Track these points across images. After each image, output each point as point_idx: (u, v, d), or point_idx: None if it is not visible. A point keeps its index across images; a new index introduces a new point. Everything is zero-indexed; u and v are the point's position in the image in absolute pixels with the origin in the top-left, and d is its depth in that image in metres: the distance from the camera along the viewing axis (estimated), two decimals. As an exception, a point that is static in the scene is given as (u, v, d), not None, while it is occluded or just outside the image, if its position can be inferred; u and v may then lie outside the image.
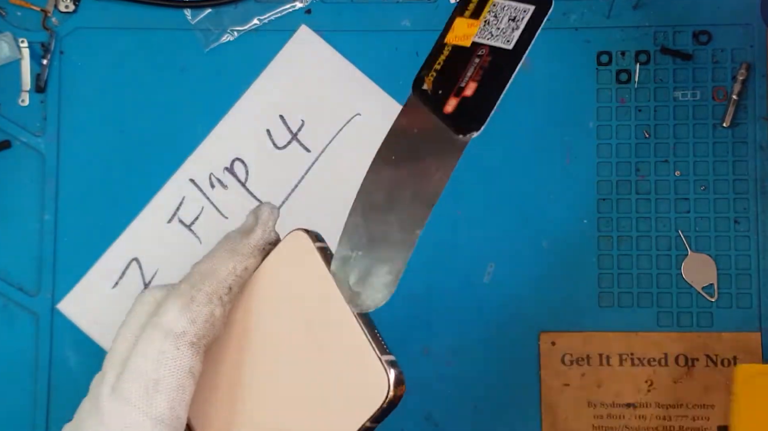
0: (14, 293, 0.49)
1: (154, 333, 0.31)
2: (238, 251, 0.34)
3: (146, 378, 0.31)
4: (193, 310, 0.32)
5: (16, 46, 0.49)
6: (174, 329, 0.31)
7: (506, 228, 0.49)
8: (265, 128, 0.50)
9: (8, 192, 0.49)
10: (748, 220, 0.49)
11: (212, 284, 0.33)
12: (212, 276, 0.33)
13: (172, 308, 0.32)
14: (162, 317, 0.32)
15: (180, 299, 0.32)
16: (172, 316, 0.32)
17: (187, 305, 0.32)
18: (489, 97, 0.32)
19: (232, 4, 0.50)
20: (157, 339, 0.31)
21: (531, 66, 0.50)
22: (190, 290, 0.32)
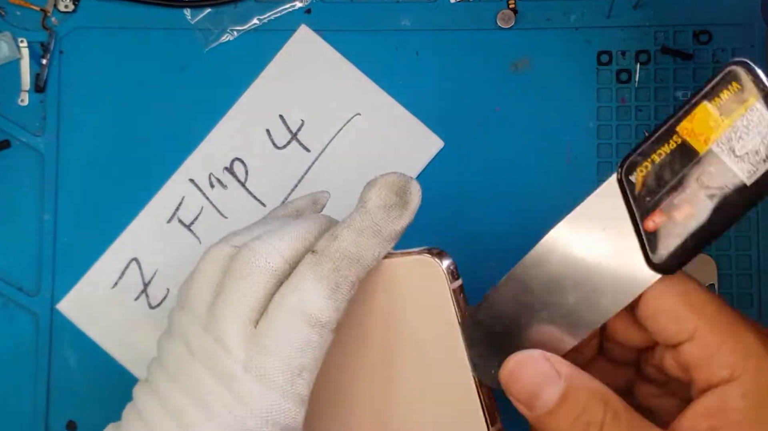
0: (13, 293, 0.49)
1: (297, 319, 0.30)
2: (384, 234, 0.32)
3: (291, 364, 0.29)
4: (338, 299, 0.30)
5: (15, 45, 0.49)
6: (321, 318, 0.30)
7: (506, 228, 0.49)
8: (264, 128, 0.50)
9: (7, 192, 0.49)
10: (749, 220, 0.49)
11: (358, 271, 0.31)
12: (358, 263, 0.31)
13: (317, 295, 0.30)
14: (306, 302, 0.30)
15: (325, 284, 0.30)
16: (318, 304, 0.30)
17: (333, 293, 0.30)
18: (700, 235, 0.25)
19: (232, 4, 0.50)
20: (304, 327, 0.30)
21: (531, 66, 0.50)
22: (335, 276, 0.30)
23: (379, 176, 0.33)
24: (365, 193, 0.32)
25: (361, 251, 0.31)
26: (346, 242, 0.31)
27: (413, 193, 0.32)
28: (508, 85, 0.50)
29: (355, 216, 0.32)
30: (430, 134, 0.49)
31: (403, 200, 0.32)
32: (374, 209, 0.32)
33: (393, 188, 0.32)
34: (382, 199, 0.32)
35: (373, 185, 0.32)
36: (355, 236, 0.31)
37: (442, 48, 0.50)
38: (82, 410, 0.49)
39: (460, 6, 0.50)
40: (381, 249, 0.31)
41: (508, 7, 0.50)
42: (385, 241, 0.32)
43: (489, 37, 0.50)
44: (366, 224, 0.31)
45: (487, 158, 0.49)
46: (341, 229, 0.31)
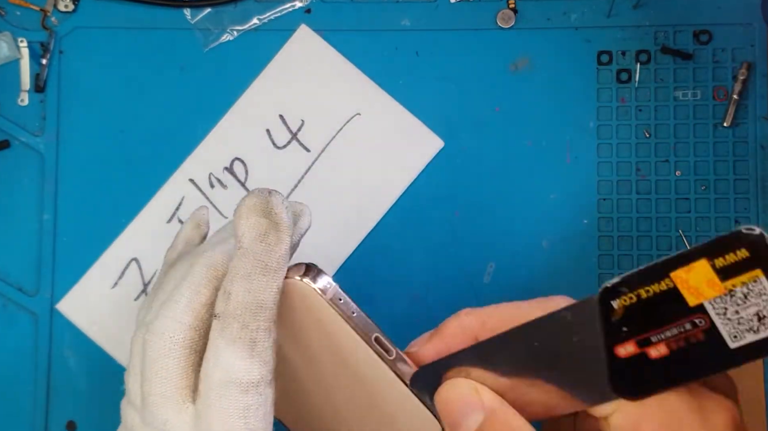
0: (13, 293, 0.49)
1: (229, 391, 0.28)
2: (272, 266, 0.29)
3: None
4: (260, 352, 0.29)
5: (15, 45, 0.49)
6: (251, 379, 0.29)
7: (506, 228, 0.49)
8: (264, 128, 0.50)
9: (7, 192, 0.49)
10: (749, 220, 0.49)
11: (266, 315, 0.29)
12: (262, 308, 0.29)
13: (237, 359, 0.28)
14: (230, 371, 0.28)
15: (240, 346, 0.29)
16: (242, 367, 0.29)
17: (252, 350, 0.29)
18: (669, 376, 0.24)
19: (232, 4, 0.50)
20: (238, 396, 0.28)
21: (531, 66, 0.50)
22: (246, 333, 0.29)
23: (241, 201, 0.30)
24: (236, 228, 0.30)
25: (258, 295, 0.29)
26: (241, 295, 0.29)
27: (278, 207, 0.29)
28: (508, 85, 0.50)
29: (238, 263, 0.29)
30: (430, 133, 0.49)
31: (272, 220, 0.29)
32: (250, 245, 0.29)
33: (258, 211, 0.29)
34: (253, 229, 0.29)
35: (239, 216, 0.30)
36: (245, 283, 0.29)
37: (442, 48, 0.50)
38: (82, 410, 0.49)
39: (460, 6, 0.50)
40: (276, 282, 0.29)
41: (508, 7, 0.50)
42: (276, 271, 0.29)
43: (489, 37, 0.50)
44: (249, 265, 0.29)
45: (487, 158, 0.49)
46: (230, 284, 0.29)
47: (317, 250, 0.49)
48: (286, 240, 0.30)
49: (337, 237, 0.49)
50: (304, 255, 0.48)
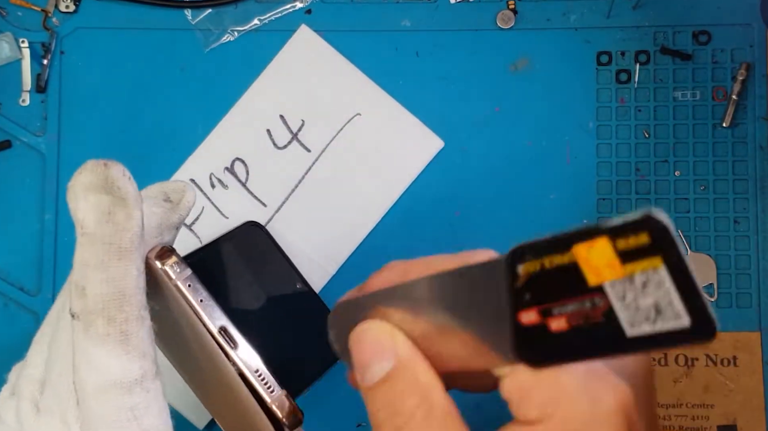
0: (15, 292, 0.49)
1: (109, 395, 0.25)
2: (126, 247, 0.26)
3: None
4: (137, 344, 0.26)
5: (16, 46, 0.49)
6: (132, 377, 0.25)
7: (506, 228, 0.49)
8: (265, 128, 0.50)
9: (9, 192, 0.50)
10: (748, 220, 0.49)
11: (133, 303, 0.26)
12: (125, 296, 0.26)
13: (111, 358, 0.25)
14: (106, 373, 0.25)
15: (111, 343, 0.25)
16: (119, 366, 0.25)
17: (126, 344, 0.25)
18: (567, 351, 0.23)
19: (233, 5, 0.50)
20: (121, 397, 0.25)
21: (531, 66, 0.50)
22: (114, 327, 0.25)
23: (72, 179, 0.26)
24: (74, 212, 0.26)
25: (119, 283, 0.25)
26: (98, 287, 0.25)
27: (120, 179, 0.26)
28: (508, 85, 0.50)
29: (85, 251, 0.25)
30: (430, 133, 0.49)
31: (115, 195, 0.26)
32: (95, 227, 0.25)
33: (94, 187, 0.26)
34: (95, 209, 0.25)
35: (74, 197, 0.26)
36: (100, 273, 0.25)
37: (442, 48, 0.50)
38: (83, 409, 0.49)
39: (460, 6, 0.50)
40: (136, 262, 0.26)
41: (508, 8, 0.50)
42: (131, 251, 0.26)
43: (489, 37, 0.50)
44: (100, 252, 0.25)
45: (487, 158, 0.49)
46: (82, 277, 0.25)
47: (318, 250, 0.49)
48: (137, 215, 0.26)
49: (338, 237, 0.49)
50: (304, 254, 0.48)
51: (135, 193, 0.26)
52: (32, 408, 0.27)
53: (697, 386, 0.48)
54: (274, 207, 0.49)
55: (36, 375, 0.28)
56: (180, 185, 0.30)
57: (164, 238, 0.29)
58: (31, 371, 0.28)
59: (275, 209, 0.49)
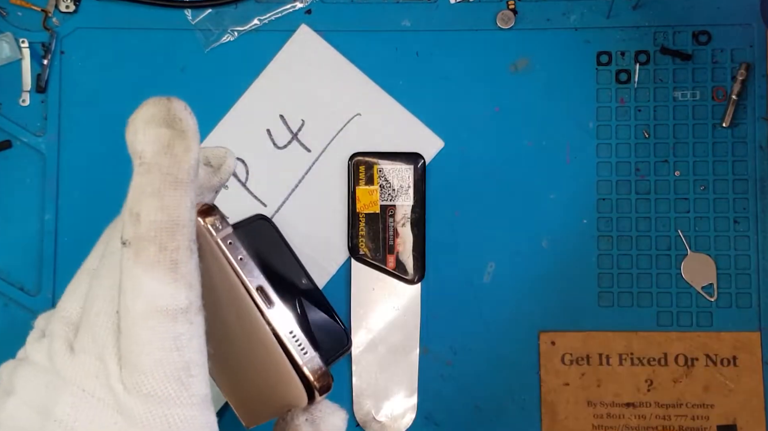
0: (15, 292, 0.49)
1: (155, 321, 0.25)
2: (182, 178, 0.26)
3: (175, 369, 0.25)
4: (185, 273, 0.26)
5: (16, 46, 0.50)
6: (179, 305, 0.26)
7: (506, 228, 0.49)
8: (265, 128, 0.50)
9: (9, 192, 0.50)
10: (748, 220, 0.49)
11: (184, 233, 0.26)
12: (179, 225, 0.26)
13: (160, 284, 0.25)
14: (154, 299, 0.25)
15: (161, 269, 0.25)
16: (167, 292, 0.25)
17: (175, 272, 0.26)
18: None
19: (233, 5, 0.50)
20: (166, 325, 0.25)
21: (531, 66, 0.50)
22: (165, 255, 0.25)
23: (133, 114, 0.27)
24: (133, 144, 0.26)
25: (173, 212, 0.26)
26: (153, 214, 0.26)
27: (181, 112, 0.26)
28: (508, 85, 0.50)
29: (142, 179, 0.26)
30: (430, 134, 0.49)
31: (178, 128, 0.26)
32: (154, 158, 0.26)
33: (155, 120, 0.26)
34: (156, 141, 0.26)
35: (134, 129, 0.26)
36: (155, 201, 0.26)
37: (442, 48, 0.50)
38: (83, 409, 0.49)
39: (460, 6, 0.50)
40: (190, 195, 0.26)
41: (508, 8, 0.50)
42: (187, 183, 0.26)
43: (489, 37, 0.50)
44: (157, 181, 0.26)
45: (487, 158, 0.49)
46: (137, 204, 0.26)
47: (318, 249, 0.49)
48: (195, 148, 0.26)
49: (338, 237, 0.49)
50: (304, 253, 0.48)
51: (195, 127, 0.27)
52: (66, 347, 0.27)
53: (697, 386, 0.48)
54: (274, 207, 0.49)
55: (70, 317, 0.28)
56: (221, 150, 0.31)
57: (205, 199, 0.30)
58: (64, 314, 0.28)
59: (275, 209, 0.49)
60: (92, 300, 0.27)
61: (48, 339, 0.28)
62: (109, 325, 0.27)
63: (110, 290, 0.27)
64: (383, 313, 0.48)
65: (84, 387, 0.26)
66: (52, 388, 0.27)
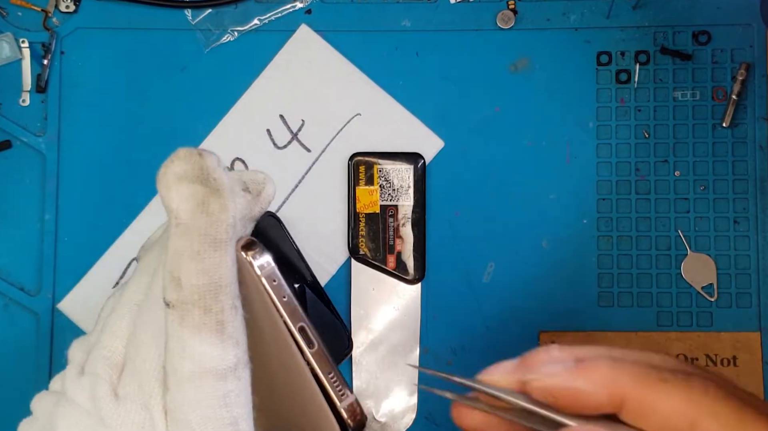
0: (15, 292, 0.49)
1: (203, 381, 0.25)
2: (221, 238, 0.26)
3: (222, 424, 0.25)
4: (230, 333, 0.26)
5: (16, 46, 0.50)
6: (226, 364, 0.26)
7: (506, 228, 0.49)
8: (265, 128, 0.50)
9: (9, 192, 0.50)
10: (748, 220, 0.49)
11: (228, 293, 0.26)
12: (221, 287, 0.26)
13: (207, 346, 0.25)
14: (201, 361, 0.25)
15: (207, 332, 0.25)
16: (214, 353, 0.25)
17: (221, 333, 0.25)
18: None
19: (233, 5, 0.50)
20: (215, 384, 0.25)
21: (531, 66, 0.50)
22: (210, 317, 0.25)
23: (164, 167, 0.25)
24: (167, 201, 0.25)
25: (214, 274, 0.25)
26: (194, 278, 0.25)
27: (215, 171, 0.25)
28: (508, 86, 0.50)
29: (180, 241, 0.25)
30: (430, 133, 0.49)
31: (212, 187, 0.25)
32: (190, 218, 0.25)
33: (188, 177, 0.25)
34: (190, 199, 0.25)
35: (166, 186, 0.25)
36: (195, 264, 0.25)
37: (442, 48, 0.50)
38: (83, 409, 0.49)
39: (460, 6, 0.50)
40: (230, 255, 0.26)
41: (508, 8, 0.50)
42: (227, 243, 0.26)
43: (489, 37, 0.50)
44: (196, 243, 0.25)
45: (487, 158, 0.49)
46: (177, 268, 0.25)
47: (318, 249, 0.49)
48: (231, 206, 0.26)
49: (338, 237, 0.49)
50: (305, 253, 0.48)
51: (229, 184, 0.26)
52: (111, 392, 0.27)
53: (697, 386, 0.48)
54: (274, 207, 0.49)
55: (113, 358, 0.28)
56: (260, 176, 0.30)
57: (246, 230, 0.29)
58: (106, 353, 0.28)
59: (275, 209, 0.49)
60: (138, 346, 0.27)
61: (90, 378, 0.27)
62: (155, 373, 0.26)
63: (156, 338, 0.27)
64: (383, 313, 0.48)
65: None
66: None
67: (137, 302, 0.28)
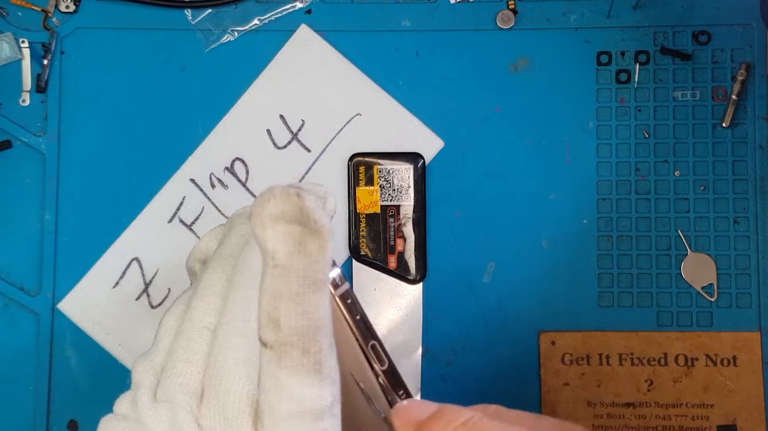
0: (15, 292, 0.49)
1: (301, 422, 0.25)
2: (318, 278, 0.25)
3: None
4: (327, 373, 0.25)
5: (16, 46, 0.50)
6: (323, 404, 0.25)
7: (506, 228, 0.49)
8: (265, 128, 0.50)
9: (9, 192, 0.50)
10: (748, 220, 0.49)
11: (324, 334, 0.25)
12: (319, 328, 0.25)
13: (305, 387, 0.25)
14: (300, 401, 0.25)
15: (305, 373, 0.25)
16: (312, 394, 0.25)
17: (319, 373, 0.25)
18: None
19: (233, 5, 0.50)
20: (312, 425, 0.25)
21: (531, 66, 0.50)
22: (308, 358, 0.25)
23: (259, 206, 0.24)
24: (262, 241, 0.25)
25: (313, 315, 0.25)
26: (293, 320, 0.25)
27: (315, 212, 0.24)
28: (508, 86, 0.50)
29: (278, 283, 0.25)
30: (430, 134, 0.49)
31: (310, 227, 0.24)
32: (288, 260, 0.24)
33: (287, 218, 0.24)
34: (287, 240, 0.24)
35: (263, 225, 0.24)
36: (294, 306, 0.25)
37: (442, 48, 0.50)
38: (83, 409, 0.49)
39: (460, 6, 0.50)
40: (326, 295, 0.25)
41: (508, 8, 0.50)
42: (325, 283, 0.25)
43: (489, 37, 0.50)
44: (295, 285, 0.24)
45: (487, 158, 0.49)
46: (274, 309, 0.25)
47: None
48: (329, 247, 0.25)
49: (339, 237, 0.49)
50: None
51: (329, 224, 0.25)
52: (193, 423, 0.27)
53: (697, 386, 0.48)
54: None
55: (190, 386, 0.27)
56: (321, 190, 0.28)
57: None
58: (182, 380, 0.27)
59: (275, 209, 0.49)
60: (220, 376, 0.27)
61: (168, 406, 0.27)
62: (241, 406, 0.26)
63: (239, 366, 0.27)
64: (385, 313, 0.48)
65: None
66: None
67: (207, 326, 0.28)
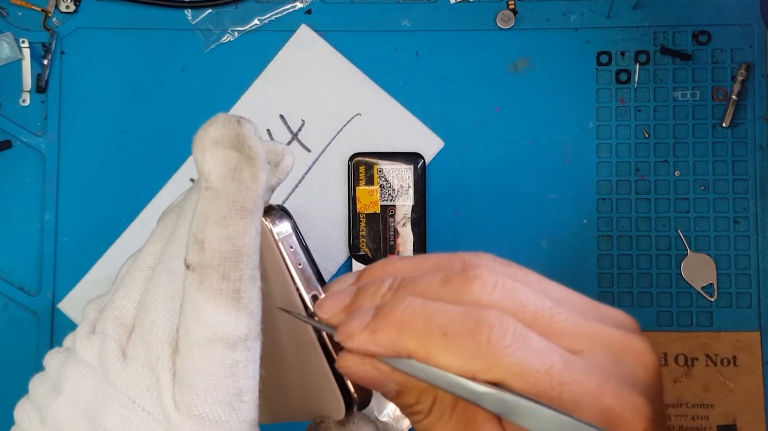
0: (15, 292, 0.49)
1: (214, 348, 0.25)
2: (248, 207, 0.26)
3: (227, 394, 0.25)
4: (246, 303, 0.26)
5: (17, 46, 0.50)
6: (238, 334, 0.26)
7: (506, 228, 0.49)
8: (265, 128, 0.50)
9: (9, 192, 0.50)
10: (748, 220, 0.49)
11: (247, 263, 0.26)
12: (242, 255, 0.26)
13: (221, 313, 0.25)
14: (214, 326, 0.25)
15: (223, 298, 0.25)
16: (227, 322, 0.25)
17: (237, 302, 0.25)
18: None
19: (233, 5, 0.50)
20: (224, 352, 0.25)
21: (531, 66, 0.50)
22: (227, 284, 0.25)
23: (201, 130, 0.26)
24: (200, 163, 0.26)
25: (237, 241, 0.25)
26: (217, 243, 0.25)
27: (251, 139, 0.26)
28: (508, 86, 0.50)
29: (208, 205, 0.25)
30: (430, 133, 0.49)
31: (246, 154, 0.25)
32: (220, 183, 0.25)
33: (223, 142, 0.25)
34: (223, 165, 0.25)
35: (201, 148, 0.26)
36: (220, 229, 0.25)
37: (442, 48, 0.50)
38: (83, 409, 0.49)
39: (460, 6, 0.50)
40: (255, 225, 0.26)
41: (508, 8, 0.50)
42: (254, 213, 0.26)
43: (489, 37, 0.50)
44: (224, 208, 0.25)
45: (487, 158, 0.49)
46: (201, 230, 0.25)
47: (318, 249, 0.49)
48: (262, 176, 0.26)
49: (338, 237, 0.49)
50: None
51: (264, 154, 0.26)
52: (118, 352, 0.27)
53: (697, 386, 0.48)
54: (274, 207, 0.49)
55: (123, 319, 0.28)
56: (279, 147, 0.30)
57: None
58: (117, 314, 0.28)
59: (275, 209, 0.49)
60: (148, 308, 0.27)
61: (99, 337, 0.27)
62: (164, 337, 0.26)
63: (167, 301, 0.27)
64: (383, 313, 0.48)
65: (134, 398, 0.26)
66: (101, 394, 0.26)
67: (150, 266, 0.28)
